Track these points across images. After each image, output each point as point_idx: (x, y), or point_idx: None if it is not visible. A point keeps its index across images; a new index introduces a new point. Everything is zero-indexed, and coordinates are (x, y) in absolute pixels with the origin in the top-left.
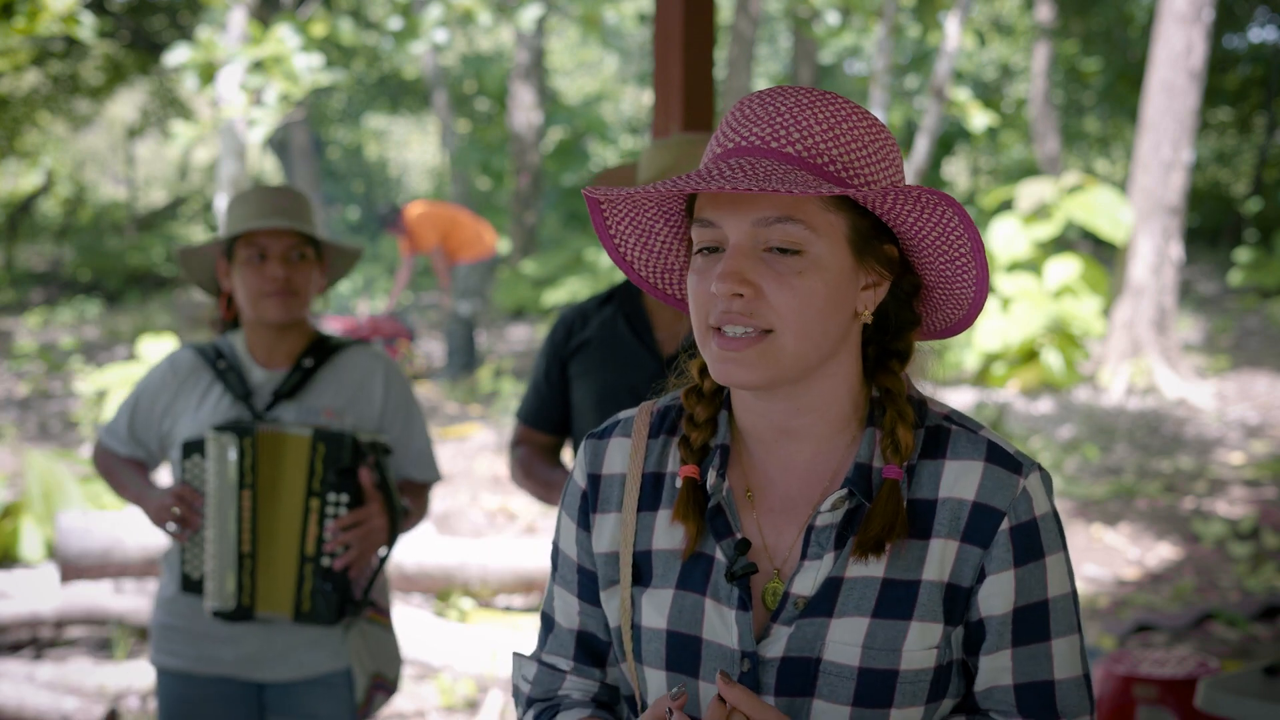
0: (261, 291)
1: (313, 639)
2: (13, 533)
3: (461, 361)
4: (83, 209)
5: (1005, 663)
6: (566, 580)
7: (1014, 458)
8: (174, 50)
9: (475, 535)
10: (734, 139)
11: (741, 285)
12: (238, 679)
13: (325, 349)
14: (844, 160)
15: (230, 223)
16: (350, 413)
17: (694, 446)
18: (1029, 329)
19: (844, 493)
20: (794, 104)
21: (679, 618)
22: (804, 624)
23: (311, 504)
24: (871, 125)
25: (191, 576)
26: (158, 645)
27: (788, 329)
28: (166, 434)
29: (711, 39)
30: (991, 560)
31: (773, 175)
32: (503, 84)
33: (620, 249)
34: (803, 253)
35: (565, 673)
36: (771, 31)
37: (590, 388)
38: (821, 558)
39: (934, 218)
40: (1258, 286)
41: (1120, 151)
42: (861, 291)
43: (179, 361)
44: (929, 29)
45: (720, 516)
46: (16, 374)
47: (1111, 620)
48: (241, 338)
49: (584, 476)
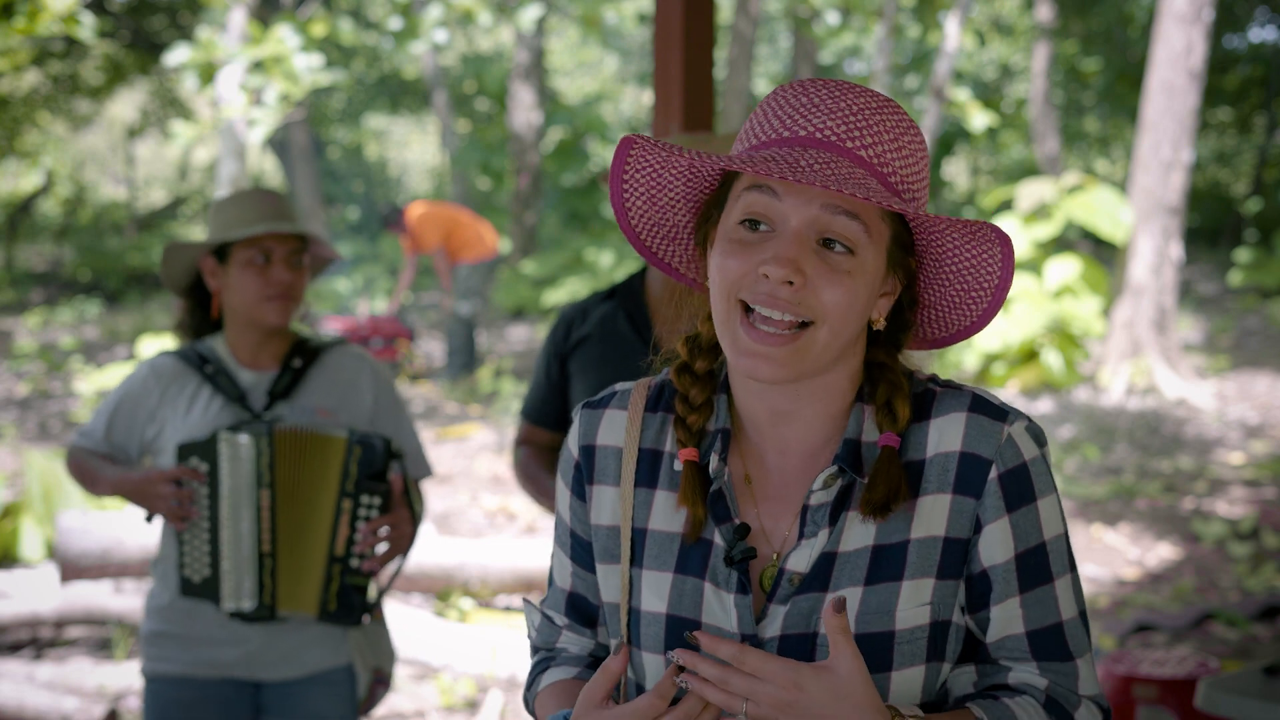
0: (265, 295)
1: (314, 637)
2: (13, 533)
3: (461, 361)
4: (83, 209)
5: (1015, 610)
6: (562, 542)
7: (999, 407)
8: (174, 50)
9: (475, 535)
10: (805, 127)
11: (796, 274)
12: (235, 679)
13: (310, 350)
14: (904, 173)
15: (226, 224)
16: (342, 412)
17: (692, 430)
18: (1029, 329)
19: (834, 469)
20: (865, 105)
21: (679, 602)
22: (800, 600)
23: (344, 505)
24: (921, 141)
25: (192, 580)
26: (150, 653)
27: (827, 324)
28: (151, 440)
29: (711, 39)
30: (985, 510)
31: (854, 179)
32: (503, 84)
33: (628, 202)
34: (854, 253)
35: (560, 628)
36: (771, 31)
37: (590, 384)
38: (817, 535)
39: (979, 250)
40: (1258, 286)
41: (1120, 151)
42: (880, 299)
43: (160, 367)
44: (929, 29)
45: (720, 501)
46: (16, 374)
47: (1111, 620)
48: (221, 341)
49: (577, 446)
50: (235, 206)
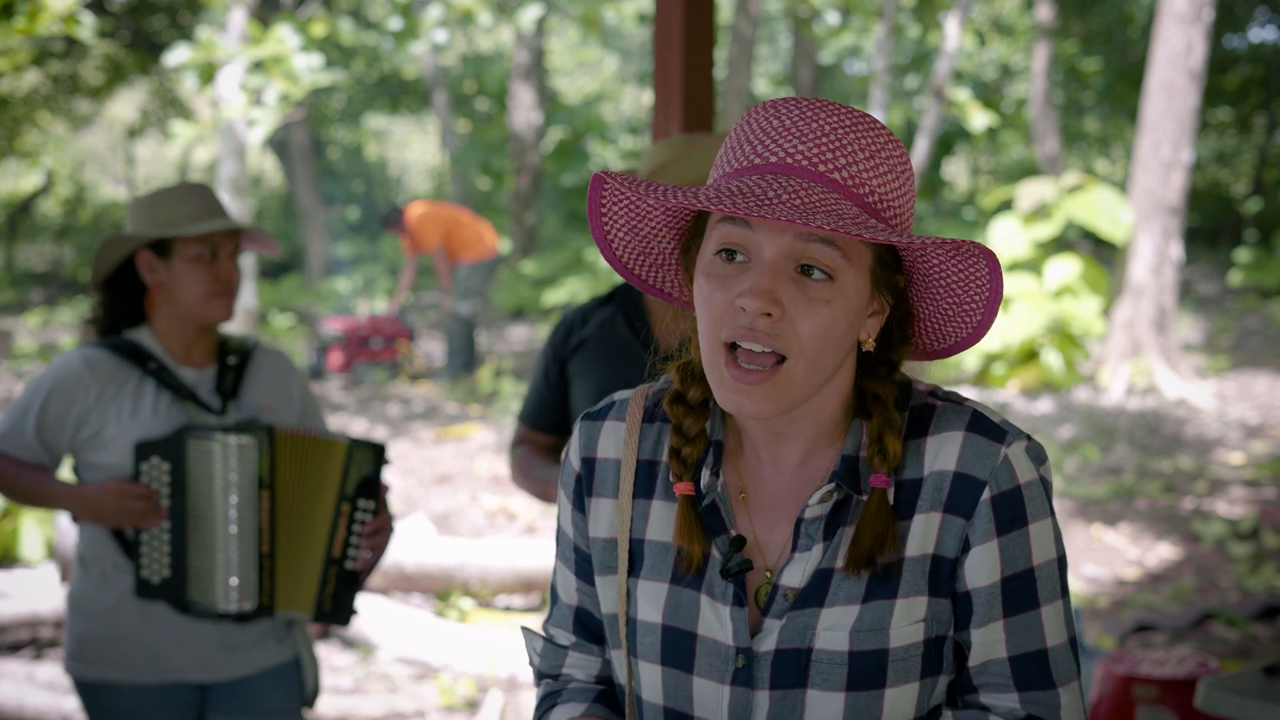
0: (213, 291)
1: (261, 634)
2: (13, 533)
3: (461, 361)
4: (83, 209)
5: (998, 635)
6: (565, 557)
7: (998, 427)
8: (174, 50)
9: (475, 535)
10: (775, 152)
11: (773, 305)
12: (183, 683)
13: (236, 348)
14: (882, 192)
15: (169, 219)
16: (279, 409)
17: (687, 463)
18: (1029, 329)
19: (831, 486)
20: (837, 124)
21: (675, 613)
22: (795, 615)
23: (343, 508)
24: (902, 155)
25: (150, 581)
26: (88, 657)
27: (803, 357)
28: (85, 439)
29: (711, 39)
30: (975, 531)
31: (825, 207)
32: (503, 84)
33: (609, 234)
34: (833, 280)
35: (566, 649)
36: (771, 31)
37: (589, 387)
38: (810, 549)
39: (967, 268)
40: (1258, 286)
41: (1120, 151)
42: (868, 319)
43: (95, 361)
44: (929, 29)
45: (715, 514)
46: (16, 374)
47: (1111, 620)
48: (148, 335)
49: (578, 459)
50: (178, 201)
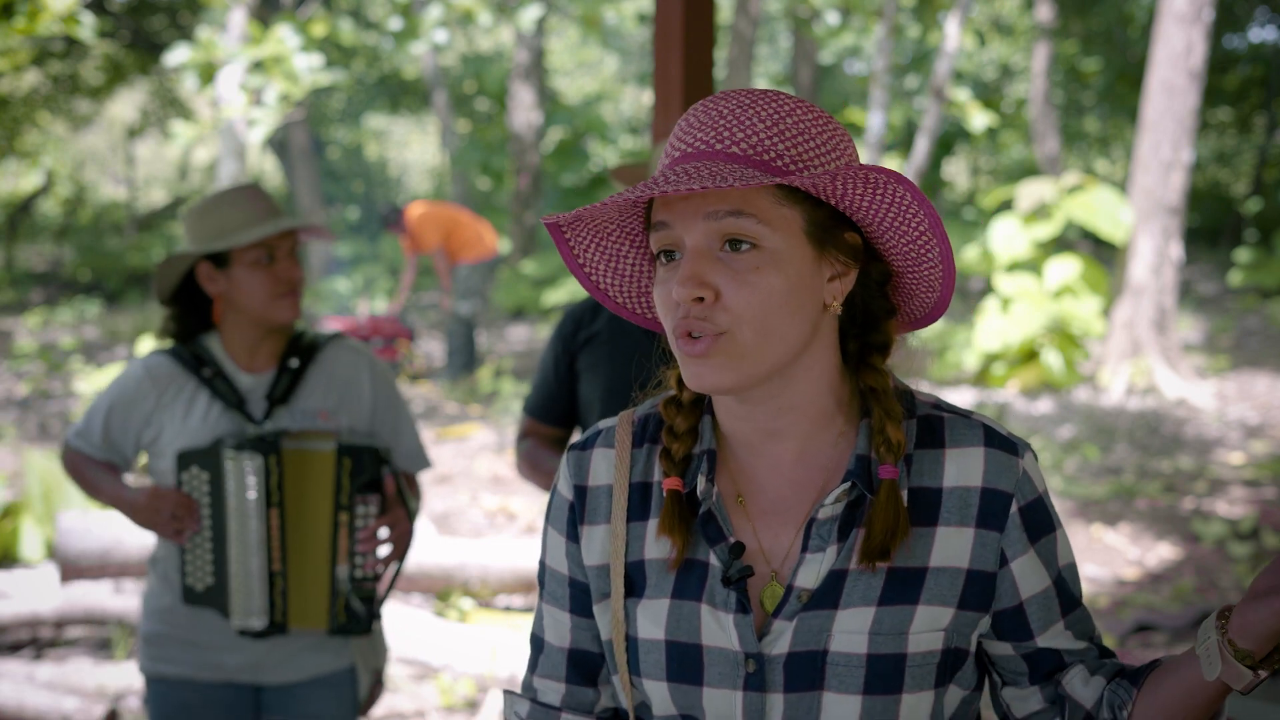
0: (276, 293)
1: (316, 641)
2: (13, 533)
3: (461, 361)
4: (83, 209)
5: (1060, 630)
6: (556, 596)
7: (1010, 440)
8: (174, 50)
9: (475, 535)
10: (681, 146)
11: (701, 288)
12: (237, 683)
13: (306, 347)
14: (791, 154)
15: (223, 228)
16: (342, 413)
17: (675, 458)
18: (1029, 329)
19: (846, 485)
20: (735, 105)
21: (676, 627)
22: (808, 617)
23: (341, 518)
24: (817, 117)
25: (195, 588)
26: (151, 653)
27: (744, 326)
28: (149, 443)
29: (711, 39)
30: (1010, 543)
31: (716, 174)
32: (503, 84)
33: (591, 276)
34: (758, 247)
35: (559, 710)
36: (771, 31)
37: (598, 381)
38: (824, 550)
39: (888, 198)
40: (1258, 286)
41: (1120, 151)
42: (828, 283)
43: (156, 368)
44: (929, 29)
45: (712, 522)
46: (16, 374)
47: (1111, 620)
48: (217, 341)
49: (570, 488)
50: (229, 208)
